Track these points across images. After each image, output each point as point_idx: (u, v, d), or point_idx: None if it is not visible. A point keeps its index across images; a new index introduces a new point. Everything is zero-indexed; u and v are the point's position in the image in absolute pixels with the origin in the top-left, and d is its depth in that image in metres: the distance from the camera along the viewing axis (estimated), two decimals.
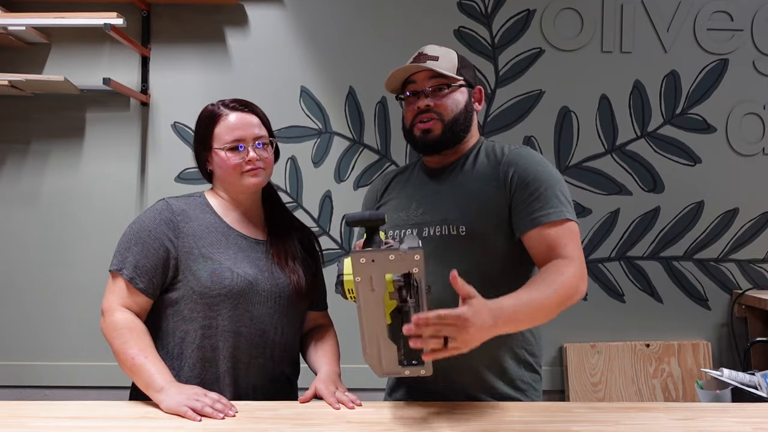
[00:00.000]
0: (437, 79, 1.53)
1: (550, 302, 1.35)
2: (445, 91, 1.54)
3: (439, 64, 1.53)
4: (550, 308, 1.36)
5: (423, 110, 1.53)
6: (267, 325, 1.54)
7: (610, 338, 2.62)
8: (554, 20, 2.63)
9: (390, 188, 1.68)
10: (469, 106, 1.58)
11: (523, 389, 1.55)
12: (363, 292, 1.19)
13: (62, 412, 1.38)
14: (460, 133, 1.56)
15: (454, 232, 1.49)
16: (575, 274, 1.40)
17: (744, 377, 2.02)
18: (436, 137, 1.53)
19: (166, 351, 1.52)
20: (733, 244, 2.65)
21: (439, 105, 1.53)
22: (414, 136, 1.56)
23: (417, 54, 1.58)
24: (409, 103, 1.57)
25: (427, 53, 1.56)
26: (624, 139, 2.64)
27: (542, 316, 1.36)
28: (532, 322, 1.39)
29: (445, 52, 1.58)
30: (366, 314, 1.21)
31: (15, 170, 2.62)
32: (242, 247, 1.55)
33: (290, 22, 2.63)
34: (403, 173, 1.70)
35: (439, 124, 1.53)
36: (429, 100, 1.53)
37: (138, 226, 1.52)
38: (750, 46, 2.64)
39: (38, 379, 2.58)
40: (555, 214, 1.45)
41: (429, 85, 1.53)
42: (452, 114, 1.53)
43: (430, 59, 1.54)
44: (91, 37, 2.58)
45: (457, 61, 1.57)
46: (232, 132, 1.53)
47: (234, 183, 1.55)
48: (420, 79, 1.55)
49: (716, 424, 1.33)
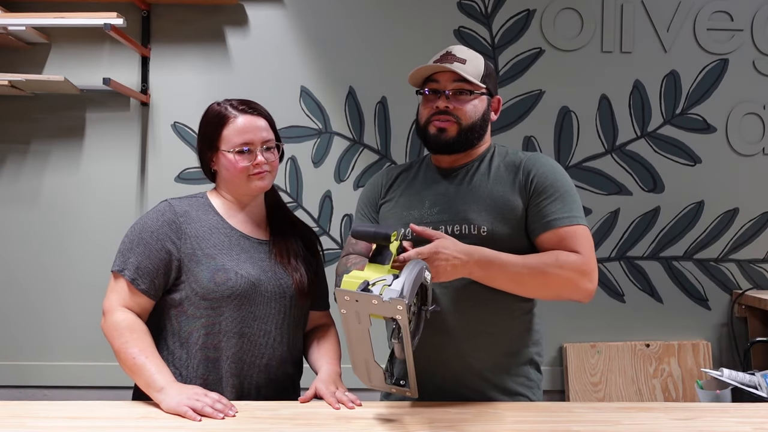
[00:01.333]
0: (461, 83, 1.52)
1: (536, 272, 1.38)
2: (466, 96, 1.53)
3: (466, 69, 1.51)
4: (535, 278, 1.38)
5: (441, 111, 1.52)
6: (270, 325, 1.54)
7: (610, 338, 2.62)
8: (554, 20, 2.63)
9: (395, 185, 1.66)
10: (486, 115, 1.57)
11: (530, 386, 1.58)
12: (350, 322, 1.20)
13: (62, 412, 1.38)
14: (474, 140, 1.56)
15: (475, 232, 1.49)
16: (577, 267, 1.41)
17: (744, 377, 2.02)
18: (450, 138, 1.53)
19: (169, 352, 1.52)
20: (733, 244, 2.65)
21: (459, 109, 1.52)
22: (428, 133, 1.55)
23: (444, 52, 1.56)
24: (428, 100, 1.56)
25: (456, 54, 1.54)
26: (624, 139, 2.64)
27: (523, 282, 1.39)
28: (510, 282, 1.41)
29: (473, 56, 1.56)
30: (353, 340, 1.23)
31: (15, 170, 2.62)
32: (245, 247, 1.55)
33: (290, 22, 2.63)
34: (408, 171, 1.68)
35: (455, 127, 1.52)
36: (449, 102, 1.52)
37: (140, 227, 1.52)
38: (750, 46, 2.64)
39: (38, 379, 2.58)
40: (569, 219, 1.47)
41: (451, 88, 1.52)
42: (470, 120, 1.53)
43: (457, 61, 1.52)
44: (91, 37, 2.58)
45: (483, 68, 1.56)
46: (241, 135, 1.53)
47: (240, 186, 1.55)
48: (443, 80, 1.53)
49: (716, 424, 1.33)
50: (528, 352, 1.57)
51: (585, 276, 1.42)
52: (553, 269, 1.39)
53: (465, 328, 1.51)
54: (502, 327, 1.53)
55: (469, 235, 1.49)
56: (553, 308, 2.63)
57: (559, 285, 1.42)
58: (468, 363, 1.52)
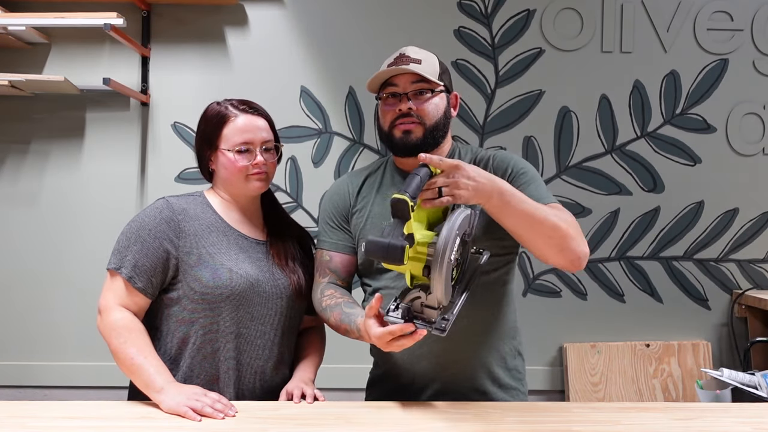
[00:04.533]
0: (420, 84, 1.51)
1: (547, 218, 1.35)
2: (427, 95, 1.52)
3: (423, 68, 1.51)
4: (546, 224, 1.35)
5: (404, 114, 1.51)
6: (267, 326, 1.54)
7: (610, 338, 2.62)
8: (554, 20, 2.63)
9: (362, 192, 1.62)
10: (448, 112, 1.57)
11: (520, 378, 1.60)
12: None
13: (62, 412, 1.38)
14: (438, 138, 1.55)
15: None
16: (576, 227, 1.40)
17: (744, 377, 2.02)
18: (417, 139, 1.51)
19: (164, 351, 1.51)
20: (733, 244, 2.65)
21: (421, 109, 1.51)
22: (393, 137, 1.53)
23: (398, 55, 1.55)
24: (388, 104, 1.54)
25: (410, 55, 1.54)
26: (624, 139, 2.64)
27: (534, 224, 1.36)
28: (521, 220, 1.36)
29: (426, 55, 1.56)
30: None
31: (15, 170, 2.61)
32: (243, 247, 1.55)
33: (290, 22, 2.63)
34: (372, 175, 1.64)
35: (420, 128, 1.51)
36: (411, 103, 1.51)
37: (138, 224, 1.51)
38: (750, 46, 2.64)
39: (38, 379, 2.58)
40: (548, 198, 1.47)
41: (411, 89, 1.51)
42: (433, 119, 1.52)
43: (413, 62, 1.52)
44: (91, 37, 2.58)
45: (438, 66, 1.55)
46: (241, 134, 1.53)
47: (238, 185, 1.55)
48: (402, 82, 1.52)
49: (716, 424, 1.33)
50: (515, 344, 1.61)
51: (581, 237, 1.41)
52: (560, 220, 1.38)
53: (467, 329, 1.51)
54: (495, 324, 1.55)
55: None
56: (553, 308, 2.63)
57: (562, 237, 1.37)
58: (469, 364, 1.53)
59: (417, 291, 1.28)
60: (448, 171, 1.28)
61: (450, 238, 1.21)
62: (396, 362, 1.56)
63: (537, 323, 2.58)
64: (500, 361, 1.56)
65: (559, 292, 2.64)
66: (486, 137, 2.63)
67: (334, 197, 1.64)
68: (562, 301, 2.64)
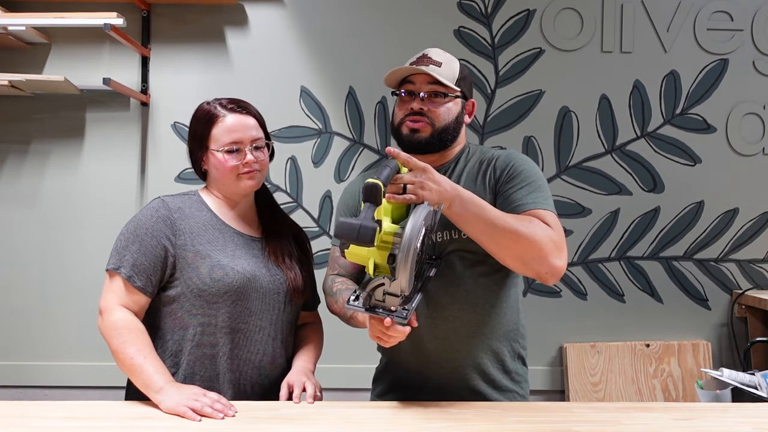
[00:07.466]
0: (435, 86, 1.53)
1: (510, 228, 1.36)
2: (441, 98, 1.54)
3: (441, 72, 1.53)
4: (507, 234, 1.36)
5: (415, 112, 1.53)
6: (265, 321, 1.54)
7: (610, 338, 2.62)
8: (554, 20, 2.63)
9: None
10: (460, 118, 1.58)
11: (518, 381, 1.60)
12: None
13: (63, 412, 1.38)
14: (447, 141, 1.56)
15: (456, 236, 1.50)
16: (550, 238, 1.39)
17: (744, 377, 2.02)
18: (423, 138, 1.53)
19: (164, 349, 1.52)
20: (733, 244, 2.65)
21: (432, 111, 1.53)
22: (401, 133, 1.56)
23: (421, 55, 1.57)
24: (403, 101, 1.57)
25: (432, 57, 1.56)
26: (624, 139, 2.64)
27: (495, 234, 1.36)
28: (482, 229, 1.38)
29: (448, 59, 1.57)
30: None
31: (15, 170, 2.62)
32: (239, 244, 1.56)
33: (290, 22, 2.63)
34: None
35: (428, 128, 1.53)
36: (423, 104, 1.53)
37: (135, 224, 1.52)
38: (750, 46, 2.64)
39: (39, 379, 2.58)
40: (535, 204, 1.46)
41: (426, 90, 1.53)
42: (443, 123, 1.54)
43: (433, 64, 1.54)
44: (91, 37, 2.58)
45: (458, 71, 1.57)
46: (230, 134, 1.53)
47: (230, 185, 1.56)
48: (418, 82, 1.54)
49: (716, 424, 1.33)
50: (516, 347, 1.60)
51: (556, 250, 1.40)
52: (527, 231, 1.37)
53: (459, 330, 1.52)
54: (491, 325, 1.54)
55: (451, 240, 1.51)
56: (553, 308, 2.63)
57: (529, 249, 1.37)
58: (462, 364, 1.54)
59: (381, 278, 1.30)
60: (416, 171, 1.33)
61: (417, 226, 1.24)
62: (396, 359, 1.59)
63: (537, 323, 2.57)
64: (497, 363, 1.56)
65: (559, 292, 2.64)
66: (486, 137, 2.63)
67: (346, 195, 1.69)
68: (562, 301, 2.64)
